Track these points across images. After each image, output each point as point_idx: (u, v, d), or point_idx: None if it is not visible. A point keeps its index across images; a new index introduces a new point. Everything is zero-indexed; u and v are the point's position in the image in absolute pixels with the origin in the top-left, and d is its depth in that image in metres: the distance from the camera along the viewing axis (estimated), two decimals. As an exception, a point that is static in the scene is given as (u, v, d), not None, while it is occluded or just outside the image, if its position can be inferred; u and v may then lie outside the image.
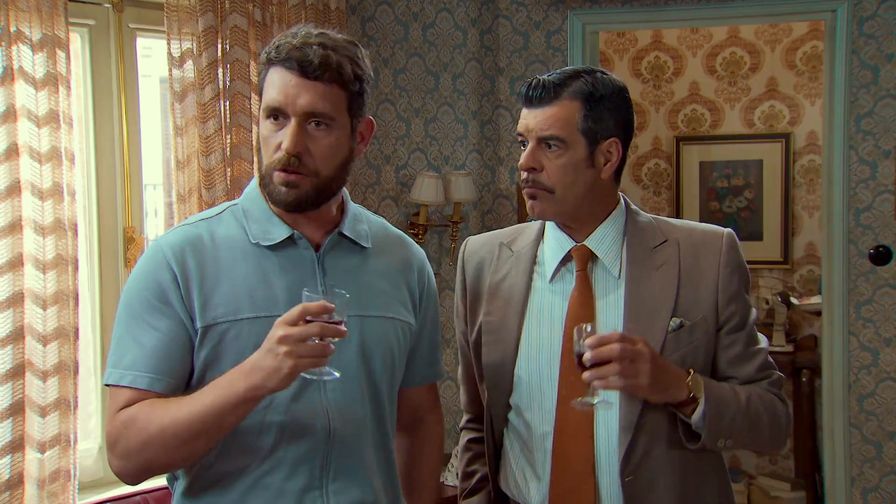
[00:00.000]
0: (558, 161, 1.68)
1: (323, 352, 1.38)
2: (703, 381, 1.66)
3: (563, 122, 1.68)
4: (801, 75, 5.07)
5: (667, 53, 5.28)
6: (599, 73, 1.73)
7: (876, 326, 3.82)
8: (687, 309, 1.71)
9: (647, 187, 5.37)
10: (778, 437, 1.77)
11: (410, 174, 3.77)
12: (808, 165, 5.09)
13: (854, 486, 3.89)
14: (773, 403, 1.74)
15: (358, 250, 1.64)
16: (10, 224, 2.50)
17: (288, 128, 1.50)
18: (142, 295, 1.52)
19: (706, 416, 1.64)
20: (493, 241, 1.89)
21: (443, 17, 3.86)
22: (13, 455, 2.53)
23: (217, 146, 2.89)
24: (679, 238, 1.76)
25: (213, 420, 1.42)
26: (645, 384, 1.58)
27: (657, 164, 5.34)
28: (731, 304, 1.73)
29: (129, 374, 1.49)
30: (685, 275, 1.72)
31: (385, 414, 1.64)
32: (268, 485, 1.51)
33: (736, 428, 1.68)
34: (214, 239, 1.56)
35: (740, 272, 1.75)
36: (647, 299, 1.71)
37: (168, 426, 1.43)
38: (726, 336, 1.73)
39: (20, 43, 2.51)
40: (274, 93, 1.50)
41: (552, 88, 1.69)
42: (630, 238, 1.76)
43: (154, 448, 1.44)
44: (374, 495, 1.60)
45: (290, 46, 1.50)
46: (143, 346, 1.49)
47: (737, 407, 1.67)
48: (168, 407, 1.46)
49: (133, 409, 1.47)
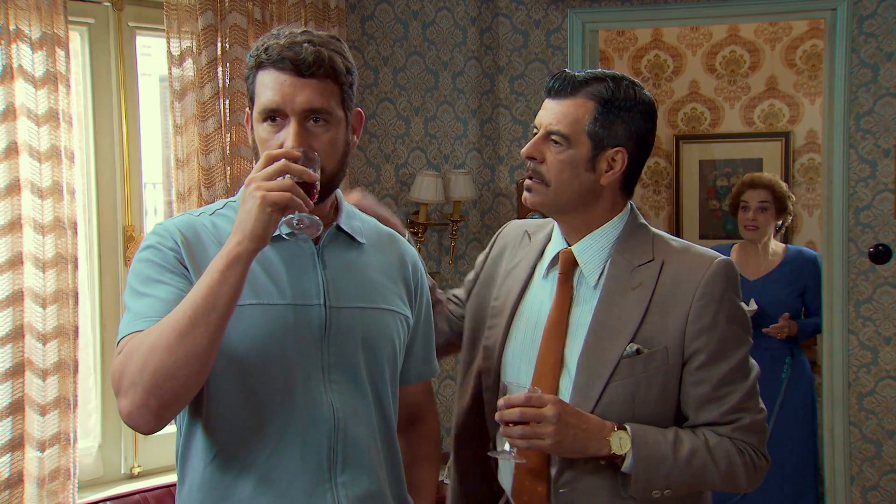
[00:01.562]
0: (558, 156, 1.68)
1: (291, 187, 1.37)
2: (635, 434, 1.60)
3: (571, 120, 1.67)
4: (800, 74, 5.07)
5: (666, 52, 5.28)
6: (627, 83, 1.70)
7: (875, 325, 3.82)
8: (651, 336, 1.64)
9: (646, 186, 5.37)
10: (735, 486, 1.67)
11: (410, 173, 3.77)
12: (807, 164, 5.09)
13: (853, 485, 3.89)
14: (730, 455, 1.64)
15: (355, 245, 1.66)
16: (9, 223, 2.50)
17: (288, 128, 1.50)
18: (151, 262, 1.51)
19: (634, 470, 1.60)
20: (522, 229, 1.93)
21: (442, 15, 3.86)
22: (13, 453, 2.53)
23: (217, 145, 2.89)
24: (666, 260, 1.69)
25: (205, 298, 1.37)
26: (547, 445, 1.57)
27: (657, 163, 5.34)
28: (699, 338, 1.63)
29: (143, 321, 1.44)
30: (658, 299, 1.66)
31: (388, 405, 1.65)
32: (277, 479, 1.51)
33: (673, 480, 1.62)
34: (217, 229, 1.57)
35: (719, 306, 1.64)
36: (613, 319, 1.67)
37: (165, 324, 1.39)
38: (694, 373, 1.65)
39: (20, 41, 2.51)
40: (270, 94, 1.50)
41: (571, 84, 1.68)
42: (617, 252, 1.72)
43: (157, 355, 1.36)
44: (380, 486, 1.60)
45: (279, 47, 1.50)
46: (157, 298, 1.47)
47: (674, 462, 1.61)
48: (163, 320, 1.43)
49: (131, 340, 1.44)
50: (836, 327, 3.86)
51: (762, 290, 3.68)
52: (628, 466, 1.61)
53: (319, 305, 1.55)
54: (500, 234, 1.98)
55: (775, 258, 3.78)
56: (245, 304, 1.49)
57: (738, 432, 1.66)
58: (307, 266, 1.57)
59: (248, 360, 1.50)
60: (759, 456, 1.68)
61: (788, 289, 3.70)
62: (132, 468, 2.99)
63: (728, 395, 1.65)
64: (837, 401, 3.88)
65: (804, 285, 3.72)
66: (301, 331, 1.53)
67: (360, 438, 1.57)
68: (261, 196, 1.36)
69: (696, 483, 1.66)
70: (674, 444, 1.62)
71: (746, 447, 1.67)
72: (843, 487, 3.89)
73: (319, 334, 1.55)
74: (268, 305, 1.51)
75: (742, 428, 1.66)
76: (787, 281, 3.71)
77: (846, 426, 3.88)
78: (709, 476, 1.64)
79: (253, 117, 1.57)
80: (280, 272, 1.55)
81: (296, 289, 1.54)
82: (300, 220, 1.40)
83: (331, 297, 1.57)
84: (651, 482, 1.61)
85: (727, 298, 1.67)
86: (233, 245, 1.38)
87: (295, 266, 1.56)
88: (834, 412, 3.90)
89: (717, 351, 1.64)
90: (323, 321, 1.55)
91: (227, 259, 1.38)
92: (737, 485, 1.67)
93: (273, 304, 1.51)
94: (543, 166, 1.69)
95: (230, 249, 1.38)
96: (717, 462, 1.63)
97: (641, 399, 1.65)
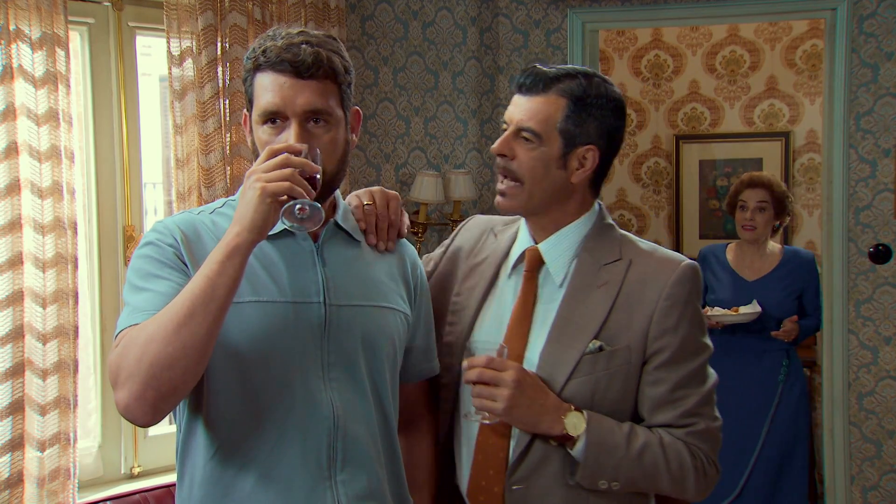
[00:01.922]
0: (529, 154, 1.67)
1: (291, 176, 1.36)
2: (591, 418, 1.60)
3: (543, 117, 1.66)
4: (800, 74, 5.07)
5: (666, 52, 5.28)
6: (598, 80, 1.69)
7: (875, 325, 3.82)
8: (614, 334, 1.64)
9: (646, 186, 5.37)
10: (682, 490, 1.65)
11: (410, 173, 3.77)
12: (807, 164, 5.09)
13: (853, 485, 3.89)
14: (681, 456, 1.63)
15: (353, 243, 1.66)
16: (9, 222, 2.50)
17: (289, 130, 1.50)
18: (151, 258, 1.51)
19: (585, 456, 1.59)
20: (489, 225, 1.92)
21: (442, 15, 3.86)
22: (13, 453, 2.53)
23: (217, 144, 2.89)
24: (634, 259, 1.69)
25: (203, 289, 1.36)
26: (500, 409, 1.56)
27: (657, 163, 5.34)
28: (662, 338, 1.63)
29: (141, 314, 1.44)
30: (624, 298, 1.65)
31: (388, 403, 1.65)
32: (277, 476, 1.51)
33: (622, 473, 1.61)
34: (216, 227, 1.57)
35: (683, 309, 1.64)
36: (577, 316, 1.66)
37: (163, 314, 1.38)
38: (652, 373, 1.64)
39: (20, 41, 2.51)
40: (270, 96, 1.50)
41: (543, 80, 1.66)
42: (584, 250, 1.71)
43: (154, 346, 1.35)
44: (380, 484, 1.60)
45: (277, 49, 1.50)
46: (156, 292, 1.46)
47: (625, 453, 1.60)
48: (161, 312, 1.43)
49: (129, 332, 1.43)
50: (836, 327, 3.86)
51: (761, 290, 3.67)
52: (579, 450, 1.60)
53: (319, 303, 1.55)
54: (462, 228, 1.95)
55: (773, 259, 3.77)
56: (245, 302, 1.49)
57: (692, 437, 1.65)
58: (307, 263, 1.57)
59: (248, 358, 1.50)
60: (710, 464, 1.67)
61: (787, 290, 3.69)
62: (132, 468, 2.99)
63: (685, 398, 1.64)
64: (837, 401, 3.88)
65: (802, 286, 3.71)
66: (301, 328, 1.53)
67: (360, 436, 1.57)
68: (260, 187, 1.36)
69: (645, 481, 1.64)
70: (628, 436, 1.61)
71: (699, 452, 1.65)
72: (843, 487, 3.90)
73: (319, 332, 1.55)
74: (267, 303, 1.51)
75: (696, 433, 1.65)
76: (785, 282, 3.70)
77: (846, 426, 3.88)
78: (659, 475, 1.62)
79: (252, 119, 1.56)
80: (280, 270, 1.55)
81: (295, 286, 1.54)
82: (302, 208, 1.38)
83: (330, 294, 1.56)
84: (600, 470, 1.60)
85: (691, 302, 1.67)
86: (231, 236, 1.38)
87: (294, 264, 1.56)
88: (834, 412, 3.90)
89: (677, 353, 1.64)
90: (322, 319, 1.55)
91: (225, 250, 1.37)
92: (685, 489, 1.65)
93: (273, 301, 1.51)
94: (514, 163, 1.69)
95: (229, 240, 1.38)
96: (669, 461, 1.62)
97: (601, 397, 1.64)
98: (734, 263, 3.78)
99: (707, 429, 1.66)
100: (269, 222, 1.38)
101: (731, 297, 3.68)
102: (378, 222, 1.72)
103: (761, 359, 3.65)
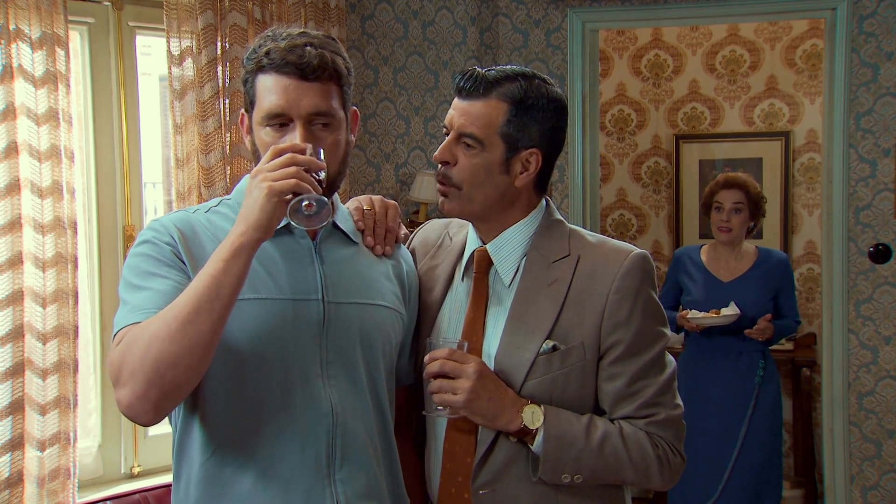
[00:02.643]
0: (472, 160, 1.64)
1: (297, 173, 1.37)
2: (548, 411, 1.59)
3: (484, 122, 1.63)
4: (800, 73, 5.07)
5: (666, 51, 5.28)
6: (538, 81, 1.65)
7: (875, 324, 3.83)
8: (567, 332, 1.62)
9: (646, 185, 5.37)
10: (647, 479, 1.63)
11: (410, 172, 3.77)
12: (807, 164, 5.09)
13: (853, 484, 3.89)
14: (643, 446, 1.61)
15: (350, 244, 1.66)
16: (9, 222, 2.50)
17: (294, 132, 1.50)
18: (148, 256, 1.51)
19: (544, 449, 1.58)
20: (444, 228, 1.89)
21: (442, 15, 3.86)
22: (13, 453, 2.53)
23: (217, 144, 2.89)
24: (582, 254, 1.66)
25: (208, 288, 1.37)
26: (460, 401, 1.56)
27: (657, 163, 5.34)
28: (615, 333, 1.61)
29: (141, 312, 1.44)
30: (574, 294, 1.63)
31: (385, 402, 1.65)
32: (276, 474, 1.51)
33: (584, 465, 1.59)
34: (213, 225, 1.57)
35: (634, 300, 1.62)
36: (528, 316, 1.64)
37: (167, 313, 1.39)
38: (608, 368, 1.63)
39: (19, 41, 2.51)
40: (274, 98, 1.50)
41: (483, 84, 1.63)
42: (533, 248, 1.69)
43: (158, 344, 1.36)
44: (378, 483, 1.60)
45: (281, 50, 1.49)
46: (155, 290, 1.46)
47: (585, 444, 1.58)
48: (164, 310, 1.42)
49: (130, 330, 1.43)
50: (836, 327, 3.86)
51: (737, 291, 3.65)
52: (538, 444, 1.58)
53: (318, 300, 1.55)
54: (418, 231, 1.93)
55: (748, 259, 3.73)
56: (244, 300, 1.48)
57: (653, 427, 1.62)
58: (305, 261, 1.58)
59: (247, 356, 1.50)
60: (674, 452, 1.64)
61: (762, 290, 3.66)
62: (132, 468, 2.99)
63: (643, 389, 1.62)
64: (837, 400, 3.89)
65: (777, 287, 3.68)
66: (300, 326, 1.53)
67: (359, 434, 1.57)
68: (267, 186, 1.36)
69: (608, 473, 1.62)
70: (587, 427, 1.60)
71: (661, 441, 1.63)
72: (843, 487, 3.90)
73: (318, 329, 1.55)
74: (266, 300, 1.51)
75: (657, 423, 1.63)
76: (760, 283, 3.68)
77: (846, 426, 3.88)
78: (621, 465, 1.61)
79: (253, 121, 1.56)
80: (278, 267, 1.55)
81: (294, 284, 1.54)
82: (309, 204, 1.38)
83: (329, 292, 1.57)
84: (560, 463, 1.58)
85: (643, 292, 1.64)
86: (237, 235, 1.38)
87: (293, 261, 1.57)
88: (834, 412, 3.90)
89: (632, 345, 1.62)
90: (321, 316, 1.55)
91: (231, 248, 1.38)
92: (649, 478, 1.63)
93: (272, 298, 1.51)
94: (454, 169, 1.65)
95: (234, 239, 1.38)
96: (630, 451, 1.60)
97: (559, 396, 1.62)
98: (709, 264, 3.76)
99: (668, 417, 1.64)
100: (274, 221, 1.38)
101: (706, 297, 3.67)
102: (376, 227, 1.72)
103: (738, 360, 3.64)
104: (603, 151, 5.20)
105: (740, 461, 3.58)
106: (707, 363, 3.64)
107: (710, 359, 3.64)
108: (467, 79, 1.65)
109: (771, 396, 3.64)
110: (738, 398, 3.61)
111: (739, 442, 3.58)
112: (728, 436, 3.59)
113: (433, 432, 1.75)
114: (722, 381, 3.62)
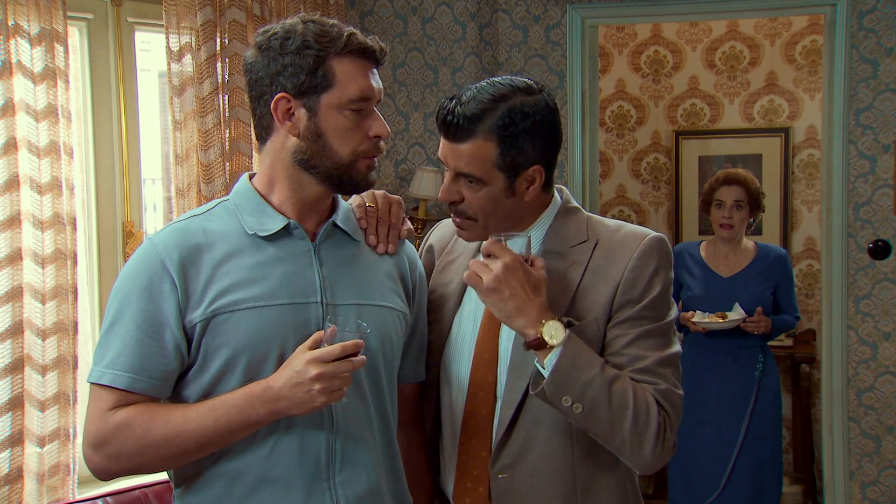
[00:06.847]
0: (477, 195, 1.64)
1: (348, 383, 1.46)
2: (571, 335, 1.55)
3: (478, 161, 1.61)
4: (800, 69, 5.07)
5: (666, 48, 5.27)
6: (519, 98, 1.61)
7: (875, 320, 3.83)
8: (583, 310, 1.63)
9: (646, 182, 5.37)
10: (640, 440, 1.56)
11: (409, 169, 3.77)
12: (807, 160, 5.09)
13: (852, 480, 3.90)
14: (648, 402, 1.56)
15: (352, 242, 1.65)
16: (8, 218, 2.50)
17: (374, 115, 1.56)
18: (131, 293, 1.51)
19: (557, 365, 1.54)
20: None
21: (442, 11, 3.86)
22: (12, 449, 2.53)
23: (216, 140, 2.89)
24: (600, 238, 1.68)
25: (222, 437, 1.47)
26: (485, 283, 1.55)
27: (656, 159, 5.34)
28: (625, 305, 1.62)
29: (110, 372, 1.48)
30: (590, 275, 1.65)
31: (386, 403, 1.65)
32: (276, 477, 1.51)
33: (590, 395, 1.54)
34: (208, 233, 1.56)
35: (650, 279, 1.63)
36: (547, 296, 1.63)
37: (174, 437, 1.45)
38: (612, 329, 1.62)
39: (18, 37, 2.51)
40: (363, 82, 1.53)
41: (465, 125, 1.60)
42: (550, 235, 1.71)
43: (152, 454, 1.47)
44: (379, 485, 1.60)
45: (358, 37, 1.54)
46: (125, 344, 1.48)
47: (598, 374, 1.55)
48: (171, 416, 1.46)
49: (128, 412, 1.47)
50: (836, 323, 3.86)
51: (737, 287, 3.65)
52: (551, 359, 1.54)
53: (317, 303, 1.55)
54: (434, 228, 1.94)
55: (747, 255, 3.73)
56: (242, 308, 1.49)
57: (658, 394, 1.59)
58: (304, 264, 1.57)
59: (246, 360, 1.49)
60: (671, 430, 1.60)
61: (762, 286, 3.66)
62: (132, 464, 2.99)
63: (644, 354, 1.60)
64: (837, 396, 3.89)
65: (776, 282, 3.69)
66: (299, 329, 1.52)
67: (359, 436, 1.57)
68: (324, 401, 1.44)
69: (609, 414, 1.56)
70: (603, 364, 1.58)
71: (664, 410, 1.59)
72: (843, 483, 3.90)
73: None
74: (265, 308, 1.50)
75: (660, 391, 1.59)
76: (760, 278, 3.68)
77: (845, 422, 3.89)
78: (623, 409, 1.55)
79: (323, 104, 1.52)
80: (277, 270, 1.54)
81: (293, 287, 1.53)
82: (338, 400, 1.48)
83: (328, 294, 1.56)
84: (568, 384, 1.54)
85: (658, 273, 1.64)
86: (273, 412, 1.46)
87: (292, 264, 1.56)
88: (833, 408, 3.90)
89: (639, 312, 1.62)
90: (321, 319, 1.54)
91: (262, 419, 1.47)
92: (643, 441, 1.56)
93: (269, 305, 1.50)
94: (464, 205, 1.66)
95: (270, 413, 1.46)
96: (637, 400, 1.56)
97: None
98: (708, 260, 3.76)
99: (669, 390, 1.59)
100: None
101: (706, 293, 3.67)
102: (378, 225, 1.71)
103: (738, 355, 3.64)
104: (602, 148, 5.20)
105: (742, 455, 3.58)
106: (707, 359, 3.64)
107: (709, 355, 3.64)
108: (446, 123, 1.62)
109: (771, 391, 3.64)
110: (738, 393, 3.61)
111: (741, 436, 3.58)
112: (730, 430, 3.60)
113: (448, 427, 1.75)
114: (722, 376, 3.62)
